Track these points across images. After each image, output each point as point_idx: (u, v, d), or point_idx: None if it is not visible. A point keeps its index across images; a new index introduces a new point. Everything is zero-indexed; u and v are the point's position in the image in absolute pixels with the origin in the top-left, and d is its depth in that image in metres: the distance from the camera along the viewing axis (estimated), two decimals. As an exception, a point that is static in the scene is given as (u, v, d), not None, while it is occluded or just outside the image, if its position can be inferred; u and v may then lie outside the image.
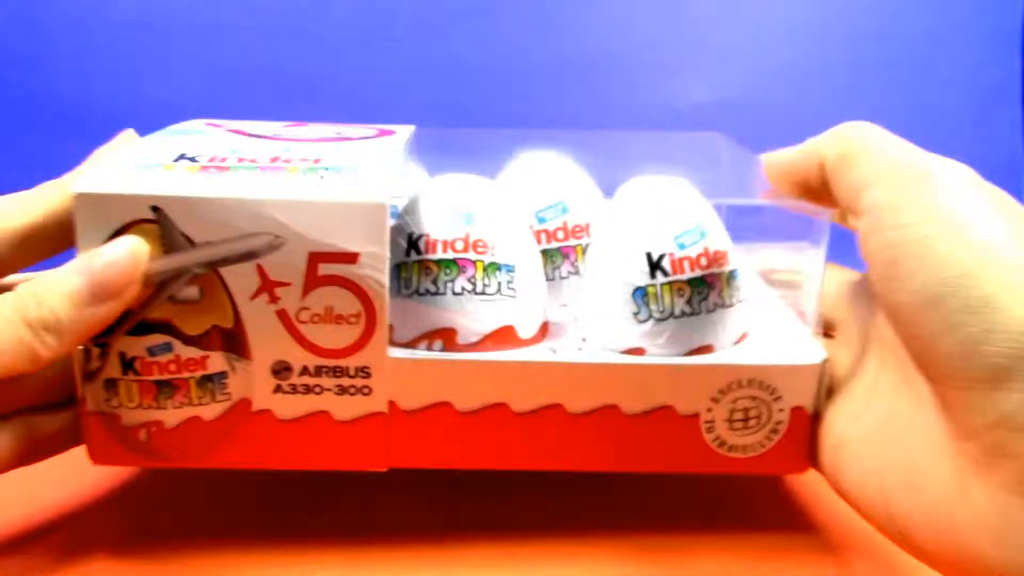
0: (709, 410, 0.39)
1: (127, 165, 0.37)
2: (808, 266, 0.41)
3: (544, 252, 0.47)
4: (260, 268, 0.35)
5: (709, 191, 0.44)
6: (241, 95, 0.79)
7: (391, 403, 0.38)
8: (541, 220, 0.48)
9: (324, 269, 0.36)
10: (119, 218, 0.35)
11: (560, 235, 0.48)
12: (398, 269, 0.40)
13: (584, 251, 0.48)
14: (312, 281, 0.36)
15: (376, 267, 0.36)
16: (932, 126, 0.85)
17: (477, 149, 0.54)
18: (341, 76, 0.80)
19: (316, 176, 0.37)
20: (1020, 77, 0.87)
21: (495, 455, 0.39)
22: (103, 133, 0.39)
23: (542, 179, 0.50)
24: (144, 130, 0.38)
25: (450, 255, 0.40)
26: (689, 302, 0.40)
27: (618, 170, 0.47)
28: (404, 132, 0.47)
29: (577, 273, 0.48)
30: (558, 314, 0.45)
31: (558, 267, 0.48)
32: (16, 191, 0.35)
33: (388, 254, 0.36)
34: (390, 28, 0.79)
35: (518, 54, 0.81)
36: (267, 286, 0.36)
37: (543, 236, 0.48)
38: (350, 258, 0.35)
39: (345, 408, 0.37)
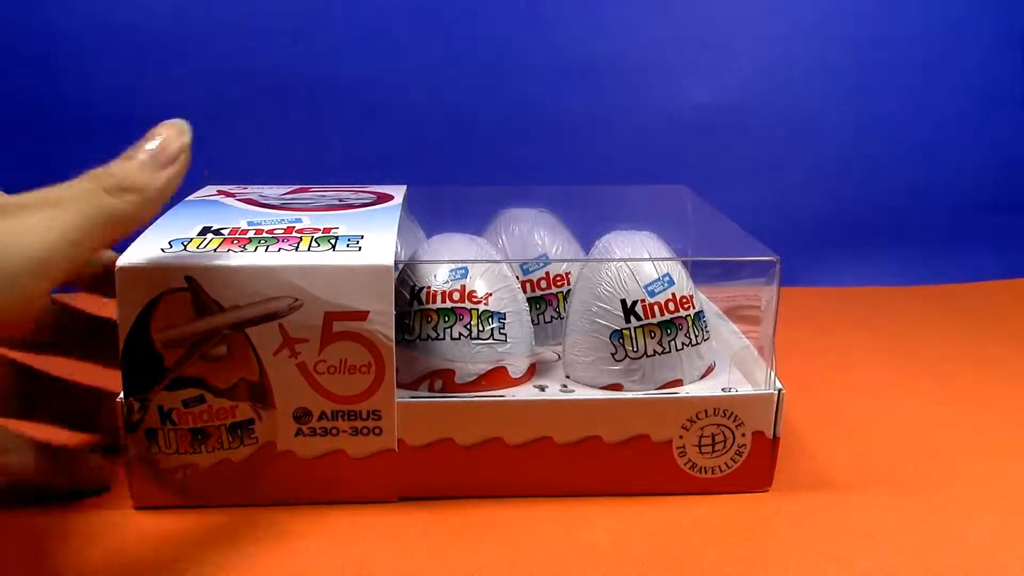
0: (680, 437, 0.42)
1: (159, 239, 0.40)
2: (764, 303, 0.45)
3: (530, 300, 0.50)
4: (282, 327, 0.39)
5: (675, 242, 0.48)
6: (241, 95, 0.79)
7: (400, 441, 0.41)
8: (526, 272, 0.52)
9: (338, 326, 0.39)
10: (157, 287, 0.38)
11: (543, 284, 0.52)
12: (402, 317, 0.44)
13: (565, 298, 0.52)
14: (328, 337, 0.39)
15: (384, 323, 0.39)
16: (933, 127, 0.85)
17: (466, 207, 0.57)
18: (341, 76, 0.80)
19: (328, 245, 0.40)
20: (1022, 78, 0.86)
21: (493, 484, 0.42)
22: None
23: (525, 235, 0.54)
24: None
25: (448, 305, 0.44)
26: (660, 342, 0.44)
27: (594, 224, 0.50)
28: (399, 195, 0.51)
29: (560, 317, 0.52)
30: (545, 354, 0.49)
31: (543, 312, 0.52)
32: (16, 191, 0.35)
33: (393, 310, 0.39)
34: (390, 28, 0.79)
35: (519, 55, 0.81)
36: (288, 343, 0.39)
37: (528, 286, 0.52)
38: (361, 316, 0.39)
39: (359, 447, 0.41)
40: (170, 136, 0.37)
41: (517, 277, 0.49)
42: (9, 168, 0.74)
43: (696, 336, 0.45)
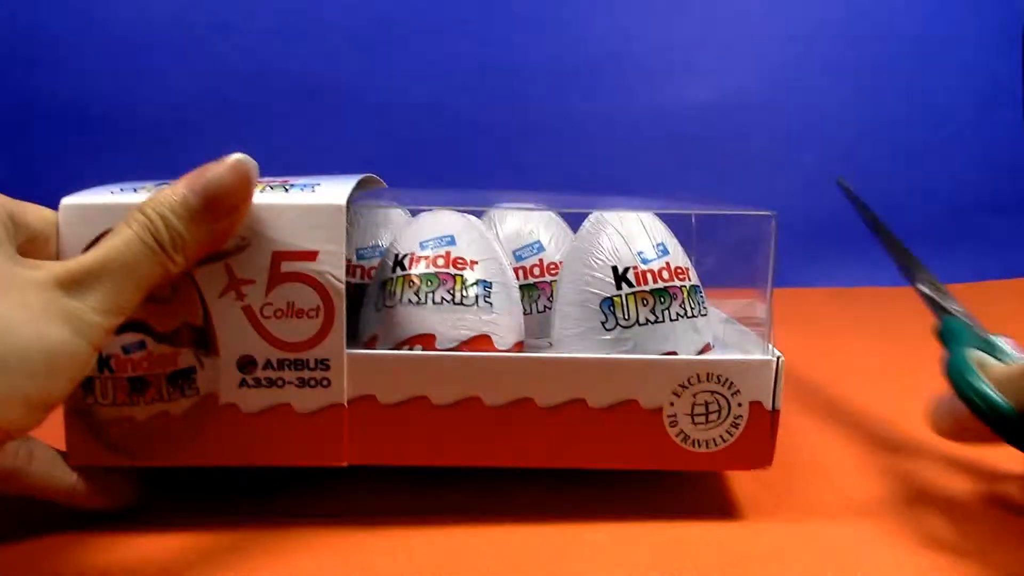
0: (672, 404, 0.38)
1: (108, 188, 0.38)
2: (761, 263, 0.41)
3: (523, 287, 0.47)
4: (228, 267, 0.36)
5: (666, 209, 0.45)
6: (241, 95, 0.78)
7: (371, 397, 0.37)
8: (519, 258, 0.49)
9: (286, 266, 0.36)
10: (100, 226, 0.35)
11: (536, 271, 0.49)
12: (384, 284, 0.41)
13: (556, 293, 0.48)
14: (275, 278, 0.36)
15: (334, 264, 0.36)
16: (933, 127, 0.83)
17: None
18: (341, 76, 0.79)
19: (282, 191, 0.38)
20: (1021, 78, 0.85)
21: (469, 451, 0.38)
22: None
23: (520, 226, 0.51)
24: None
25: (431, 270, 0.41)
26: (653, 311, 0.40)
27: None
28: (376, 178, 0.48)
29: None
30: (533, 342, 0.45)
31: (536, 301, 0.48)
32: (16, 190, 0.34)
33: (344, 251, 0.36)
34: (390, 30, 0.78)
35: (520, 56, 0.80)
36: (234, 284, 0.36)
37: (521, 272, 0.48)
38: (310, 256, 0.36)
39: (306, 400, 0.37)
40: (233, 180, 0.34)
41: (510, 265, 0.46)
42: (9, 167, 0.74)
43: (692, 309, 0.41)
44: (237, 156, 0.35)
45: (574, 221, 0.52)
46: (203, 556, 0.36)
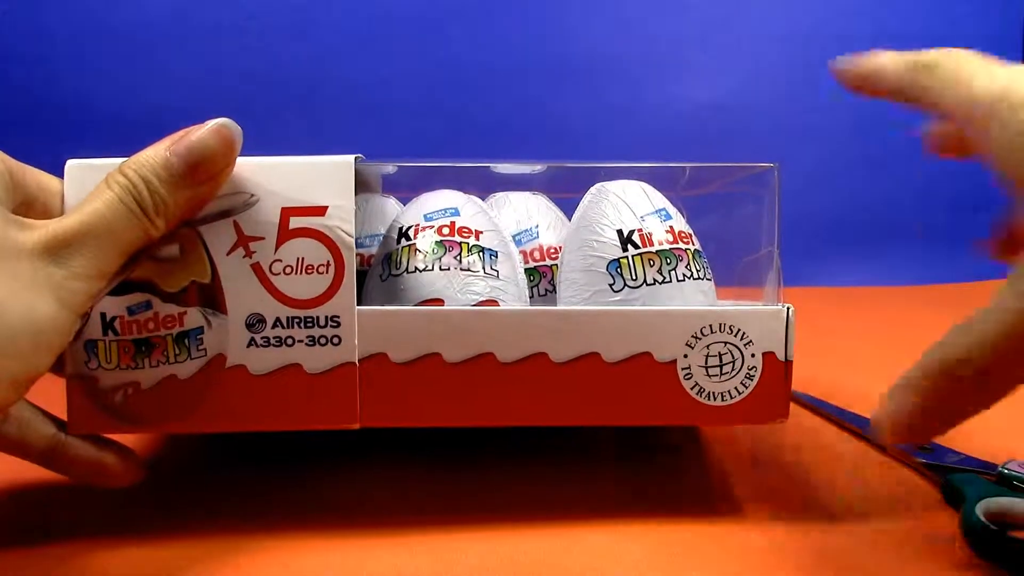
0: (685, 356, 0.37)
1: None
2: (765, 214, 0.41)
3: (524, 272, 0.47)
4: (236, 224, 0.35)
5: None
6: (242, 95, 0.78)
7: (382, 356, 0.37)
8: (518, 243, 0.48)
9: (295, 222, 0.35)
10: None
11: (536, 255, 0.49)
12: (388, 256, 0.41)
13: (558, 269, 0.48)
14: (284, 234, 0.35)
15: (344, 218, 0.36)
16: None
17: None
18: (341, 76, 0.79)
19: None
20: None
21: (484, 410, 0.37)
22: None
23: (519, 214, 0.51)
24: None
25: (438, 238, 0.41)
26: (660, 271, 0.40)
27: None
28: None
29: (554, 290, 0.48)
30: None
31: (537, 284, 0.48)
32: None
33: (354, 206, 0.36)
34: (390, 29, 0.79)
35: (521, 55, 0.80)
36: (242, 241, 0.35)
37: (521, 258, 0.48)
38: (319, 211, 0.36)
39: (316, 359, 0.36)
40: (218, 145, 0.34)
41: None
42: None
43: (698, 271, 0.41)
44: (221, 120, 0.34)
45: (568, 209, 0.52)
46: (203, 556, 0.35)
